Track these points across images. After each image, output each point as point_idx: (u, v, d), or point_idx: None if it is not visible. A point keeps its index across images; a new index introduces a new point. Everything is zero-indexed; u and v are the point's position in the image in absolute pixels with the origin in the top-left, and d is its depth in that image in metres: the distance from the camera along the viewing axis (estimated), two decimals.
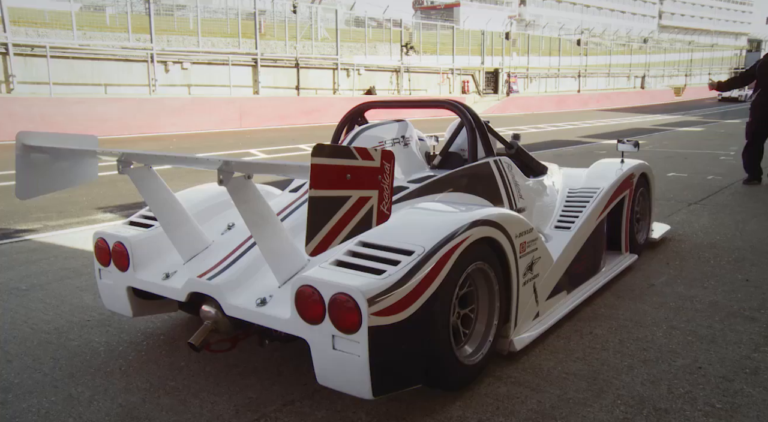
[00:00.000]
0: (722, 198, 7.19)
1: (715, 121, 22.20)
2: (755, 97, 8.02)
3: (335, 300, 2.18)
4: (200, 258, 2.87)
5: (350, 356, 2.20)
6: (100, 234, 3.06)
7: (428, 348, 2.39)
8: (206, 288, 2.60)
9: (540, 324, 3.17)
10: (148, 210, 3.20)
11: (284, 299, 2.43)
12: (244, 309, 2.49)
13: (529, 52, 37.74)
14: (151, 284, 2.85)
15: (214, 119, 18.39)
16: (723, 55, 71.06)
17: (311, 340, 2.29)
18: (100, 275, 3.10)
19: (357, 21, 30.83)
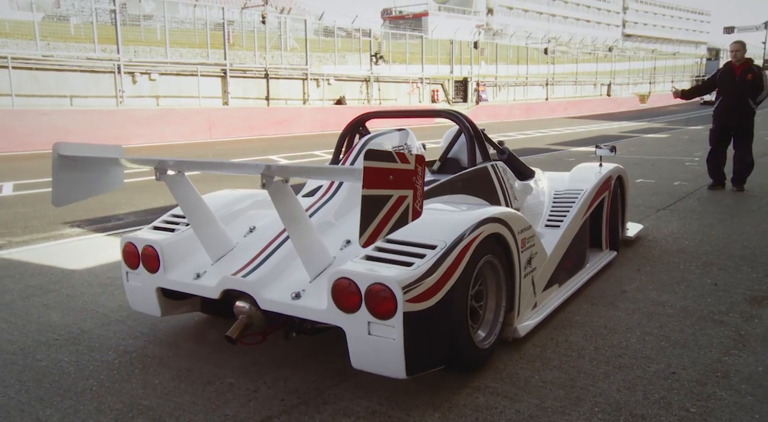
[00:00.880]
0: (689, 203, 7.32)
1: (680, 127, 22.64)
2: (717, 105, 8.20)
3: (371, 290, 2.42)
4: (229, 259, 3.07)
5: (386, 340, 2.45)
6: (128, 238, 3.24)
7: (451, 331, 2.65)
8: (241, 285, 2.78)
9: (538, 313, 3.45)
10: (170, 215, 3.47)
11: (317, 292, 2.65)
12: (280, 303, 2.70)
13: (497, 61, 38.15)
14: (183, 284, 3.04)
15: (183, 130, 18.20)
16: (685, 63, 72.70)
17: (347, 328, 2.51)
18: (127, 278, 3.27)
19: (326, 31, 30.88)
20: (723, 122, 8.07)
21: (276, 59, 25.04)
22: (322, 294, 2.60)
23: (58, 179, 2.90)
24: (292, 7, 39.46)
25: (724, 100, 8.03)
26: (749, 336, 3.36)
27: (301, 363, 3.06)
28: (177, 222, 3.36)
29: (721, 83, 8.09)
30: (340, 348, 3.20)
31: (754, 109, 7.93)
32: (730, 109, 7.95)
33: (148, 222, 6.52)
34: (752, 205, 7.18)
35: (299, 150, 15.37)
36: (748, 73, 7.84)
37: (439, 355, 2.65)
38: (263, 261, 2.89)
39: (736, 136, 8.05)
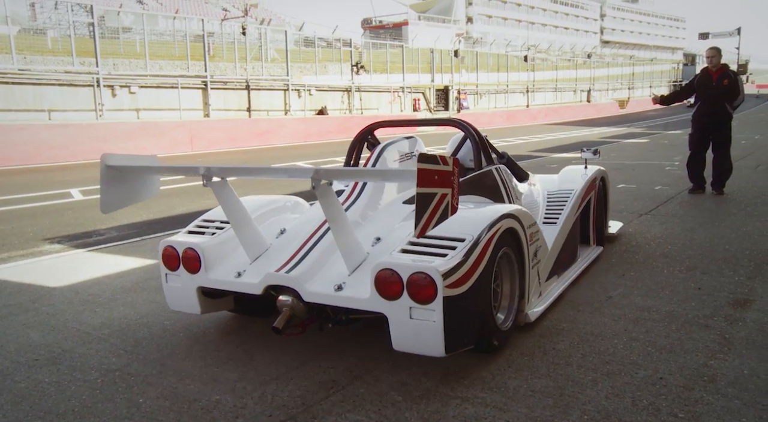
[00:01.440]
0: (670, 208, 7.38)
1: (659, 132, 22.88)
2: (695, 110, 8.29)
3: (413, 279, 2.73)
4: (265, 258, 3.34)
5: (426, 323, 2.75)
6: (167, 242, 3.48)
7: (479, 314, 2.98)
8: (285, 281, 3.04)
9: (543, 301, 3.81)
10: (201, 220, 3.76)
11: (357, 283, 2.96)
12: (324, 295, 2.97)
13: (477, 69, 38.38)
14: (226, 282, 3.30)
15: (164, 143, 18.08)
16: (662, 69, 73.64)
17: (389, 313, 2.81)
18: (166, 279, 3.51)
19: (307, 41, 30.88)
20: (701, 127, 8.16)
21: (257, 70, 25.00)
22: (362, 285, 2.93)
23: (106, 188, 3.16)
24: (272, 18, 39.47)
25: (702, 105, 8.12)
26: (734, 339, 3.38)
27: (287, 377, 3.03)
28: (208, 226, 3.65)
29: (698, 88, 8.19)
30: (328, 360, 3.18)
31: (731, 113, 8.03)
32: (708, 113, 8.04)
33: (131, 237, 6.49)
34: (732, 208, 7.25)
35: (282, 161, 15.33)
36: (724, 78, 7.93)
37: (470, 336, 2.96)
38: (303, 258, 3.15)
39: (714, 141, 8.14)
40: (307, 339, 3.50)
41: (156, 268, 5.18)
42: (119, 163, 3.15)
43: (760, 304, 3.92)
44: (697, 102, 8.27)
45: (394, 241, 3.13)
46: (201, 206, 8.71)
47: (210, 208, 7.98)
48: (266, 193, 4.26)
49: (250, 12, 36.18)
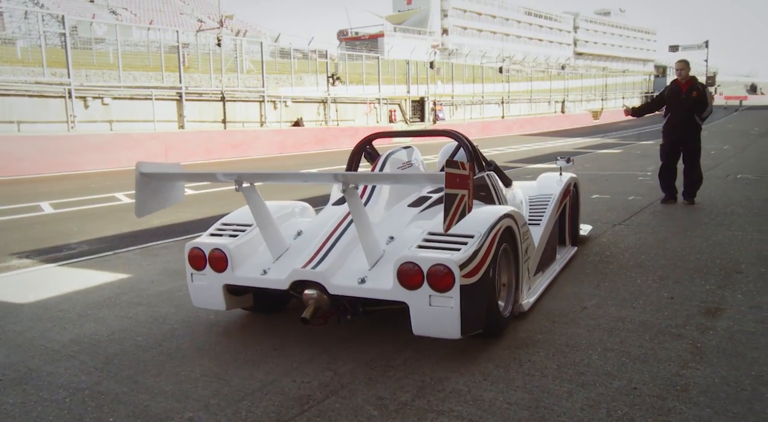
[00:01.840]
0: (643, 217, 7.47)
1: (632, 142, 23.20)
2: (666, 121, 8.41)
3: (432, 270, 3.08)
4: (287, 257, 3.67)
5: (444, 309, 3.10)
6: (193, 244, 3.76)
7: (487, 301, 3.33)
8: (312, 276, 3.36)
9: (533, 293, 4.21)
10: (220, 223, 4.02)
11: (378, 276, 3.32)
12: (349, 287, 3.30)
13: (453, 80, 38.64)
14: (252, 279, 3.58)
15: (138, 155, 17.84)
16: (634, 80, 74.83)
17: (411, 302, 3.16)
18: (192, 279, 3.77)
19: (282, 52, 30.84)
20: (672, 138, 8.29)
21: (232, 82, 24.89)
22: (383, 277, 3.29)
23: (140, 194, 3.45)
24: (248, 30, 39.38)
25: (672, 117, 8.26)
26: (705, 348, 3.41)
27: (261, 393, 2.99)
28: (227, 228, 3.94)
29: (668, 100, 8.32)
30: (303, 375, 3.15)
31: (700, 124, 8.17)
32: (678, 125, 8.17)
33: (104, 251, 6.39)
34: (703, 217, 7.36)
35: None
36: (693, 90, 8.07)
37: (480, 320, 3.31)
38: (326, 255, 3.47)
39: (684, 152, 8.27)
40: (281, 354, 3.46)
41: (128, 283, 5.11)
42: (152, 171, 3.43)
43: (730, 313, 3.98)
44: (667, 114, 8.40)
45: (406, 239, 3.56)
46: (177, 219, 8.63)
47: (186, 220, 7.89)
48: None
49: (225, 23, 36.07)
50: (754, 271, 4.94)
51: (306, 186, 10.87)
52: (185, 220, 8.59)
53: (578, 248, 5.83)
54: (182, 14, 48.93)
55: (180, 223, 8.36)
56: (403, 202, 4.13)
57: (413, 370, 3.21)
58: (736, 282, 4.67)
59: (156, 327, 4.00)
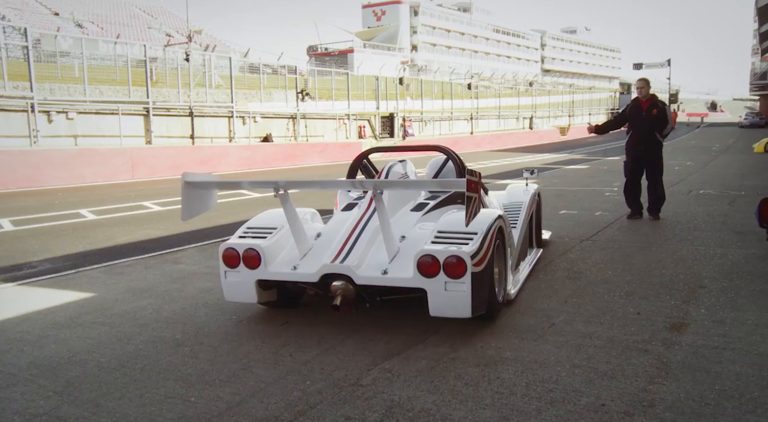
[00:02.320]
0: (610, 233, 7.57)
1: (598, 158, 23.58)
2: (628, 139, 8.56)
3: (448, 261, 3.70)
4: (313, 255, 4.22)
5: (457, 293, 3.72)
6: (227, 245, 4.22)
7: (489, 287, 3.95)
8: (340, 269, 3.92)
9: (515, 285, 4.84)
10: (246, 227, 4.51)
11: (397, 268, 3.92)
12: (374, 278, 3.90)
13: (422, 96, 38.90)
14: (284, 274, 4.13)
15: (103, 171, 17.60)
16: (600, 97, 76.29)
17: (429, 288, 3.76)
18: (225, 276, 4.26)
19: (252, 68, 30.73)
20: (634, 155, 8.44)
21: (201, 96, 24.69)
22: (402, 269, 3.90)
23: (185, 200, 4.01)
24: (217, 45, 39.23)
25: (634, 134, 8.41)
26: (671, 363, 3.45)
27: (228, 415, 2.93)
28: (251, 232, 4.45)
29: (630, 118, 8.48)
30: (270, 395, 3.10)
31: (662, 141, 8.34)
32: (640, 142, 8.32)
33: (66, 269, 6.24)
34: (667, 233, 7.48)
35: (226, 188, 15.08)
36: (653, 108, 8.23)
37: (484, 303, 3.92)
38: (350, 252, 4.04)
39: (647, 168, 8.42)
40: (248, 374, 3.41)
41: (91, 302, 5.00)
42: (194, 180, 4.02)
43: (695, 328, 4.03)
44: (629, 131, 8.55)
45: (417, 237, 4.23)
46: (144, 236, 8.50)
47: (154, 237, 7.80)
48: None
49: (194, 38, 35.84)
50: (716, 286, 5.03)
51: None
52: (152, 237, 8.46)
53: (547, 264, 5.91)
54: (150, 28, 48.57)
55: (147, 240, 8.23)
56: (405, 208, 4.75)
57: (382, 389, 3.18)
58: (699, 296, 4.75)
59: (119, 347, 3.91)
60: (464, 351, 3.69)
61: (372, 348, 3.78)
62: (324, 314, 4.49)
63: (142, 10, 54.14)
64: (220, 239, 7.74)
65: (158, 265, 6.40)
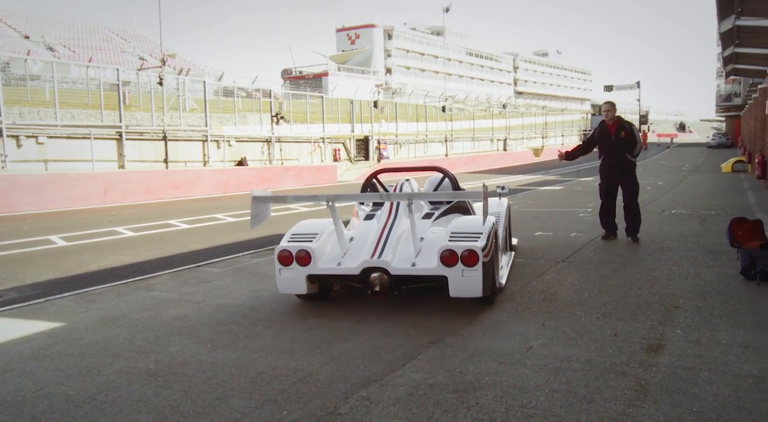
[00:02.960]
0: (585, 254, 7.61)
1: (572, 179, 23.83)
2: (601, 162, 8.63)
3: (464, 253, 4.75)
4: (351, 254, 5.23)
5: (472, 278, 4.76)
6: (281, 247, 5.21)
7: (492, 274, 5.02)
8: (378, 263, 4.99)
9: (502, 276, 5.82)
10: (291, 234, 5.48)
11: (422, 261, 4.99)
12: (406, 269, 4.97)
13: (397, 119, 39.13)
14: (331, 269, 5.14)
15: (75, 196, 17.35)
16: (573, 119, 77.38)
17: (449, 275, 4.80)
18: (280, 273, 5.21)
19: (226, 91, 30.68)
20: (608, 177, 8.52)
21: (175, 120, 24.54)
22: (426, 261, 4.97)
23: (253, 211, 5.22)
24: (191, 68, 39.09)
25: (606, 158, 8.49)
26: (649, 385, 3.45)
27: None
28: (298, 236, 5.40)
29: (599, 142, 8.56)
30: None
31: (634, 161, 8.43)
32: (613, 164, 8.40)
33: (35, 298, 6.08)
34: (642, 253, 7.55)
35: (200, 213, 14.95)
36: (621, 131, 8.29)
37: (489, 287, 4.93)
38: (383, 250, 5.11)
39: (623, 190, 8.47)
40: (223, 404, 3.33)
41: (60, 332, 4.88)
42: (260, 195, 5.26)
43: (671, 349, 4.05)
44: (601, 154, 8.62)
45: (433, 238, 5.29)
46: (116, 262, 8.37)
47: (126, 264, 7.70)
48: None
49: (168, 62, 35.73)
50: (691, 306, 5.07)
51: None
52: (125, 264, 8.33)
53: (524, 286, 5.94)
54: (123, 52, 48.34)
55: (119, 267, 8.09)
56: (417, 216, 5.68)
57: (360, 418, 3.13)
58: (675, 317, 4.78)
59: (90, 379, 3.80)
60: (442, 377, 3.65)
61: (349, 376, 3.73)
62: (299, 341, 4.43)
63: (116, 34, 53.94)
64: (194, 265, 7.65)
65: (131, 292, 6.28)
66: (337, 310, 5.29)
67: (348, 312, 5.20)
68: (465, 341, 4.33)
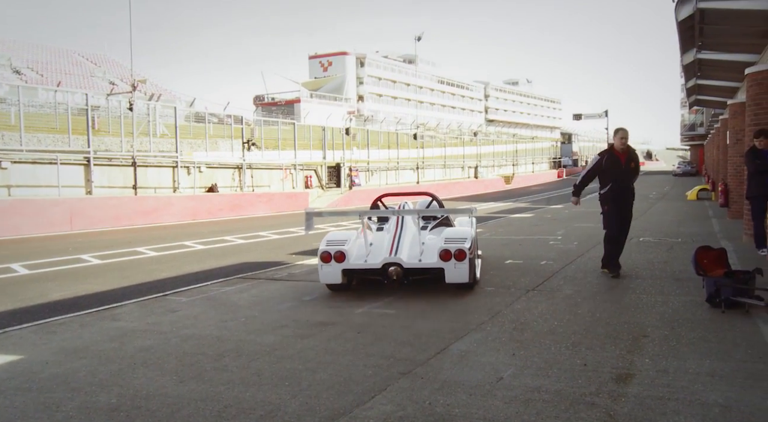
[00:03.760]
0: (555, 282, 7.64)
1: (542, 206, 24.11)
2: (608, 190, 7.98)
3: (457, 251, 6.69)
4: (373, 254, 6.96)
5: (461, 269, 6.73)
6: (323, 249, 6.89)
7: (474, 268, 7.14)
8: (395, 259, 6.76)
9: (478, 272, 7.66)
10: (327, 240, 7.11)
11: (426, 258, 6.82)
12: (415, 263, 6.77)
13: (369, 146, 39.28)
14: (360, 264, 6.85)
15: (39, 222, 17.00)
16: (542, 146, 78.57)
17: (446, 267, 6.70)
18: (321, 268, 6.93)
19: (197, 117, 30.56)
20: (618, 206, 7.99)
21: (145, 145, 24.29)
22: (429, 258, 6.79)
23: (306, 222, 7.33)
24: (162, 94, 38.90)
25: (615, 187, 7.96)
26: (618, 415, 3.44)
27: None
28: (333, 242, 7.06)
29: (610, 170, 7.98)
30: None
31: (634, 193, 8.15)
32: (624, 193, 8.01)
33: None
34: (611, 281, 7.61)
35: (169, 240, 14.74)
36: (631, 161, 8.02)
37: (472, 276, 6.94)
38: (397, 250, 6.89)
39: (625, 220, 8.10)
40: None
41: (17, 366, 4.73)
42: (312, 211, 7.45)
43: (640, 378, 4.06)
44: (607, 183, 8.01)
45: (431, 242, 7.11)
46: (80, 291, 8.19)
47: (90, 293, 7.54)
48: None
49: (138, 87, 35.51)
50: (659, 334, 5.11)
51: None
52: (90, 292, 8.15)
53: (494, 316, 5.94)
54: (93, 77, 47.99)
55: (84, 296, 7.91)
56: (417, 228, 7.32)
57: None
58: (643, 346, 4.80)
59: (47, 416, 3.67)
60: (412, 409, 3.60)
61: (318, 409, 3.66)
62: (267, 373, 4.35)
63: (86, 58, 53.56)
64: (161, 294, 7.53)
65: (95, 323, 6.12)
66: (307, 341, 5.22)
67: (317, 343, 5.14)
68: (435, 372, 4.29)
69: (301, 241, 14.15)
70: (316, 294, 7.28)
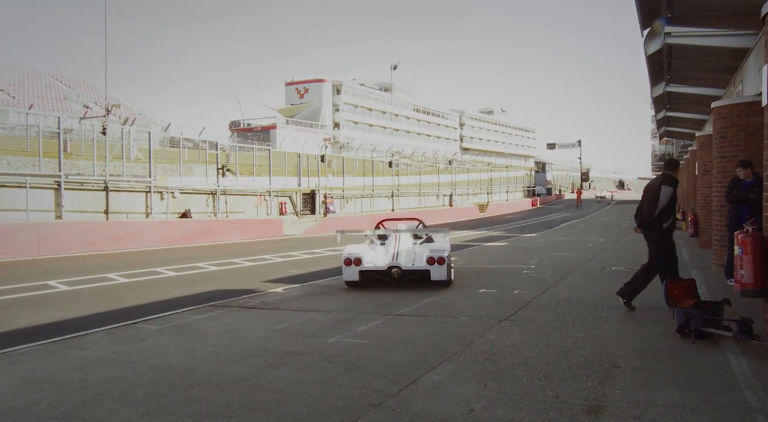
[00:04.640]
0: (528, 312, 7.66)
1: (516, 235, 24.24)
2: (670, 224, 7.60)
3: (439, 258, 9.78)
4: (380, 260, 10.09)
5: (442, 271, 9.78)
6: (346, 256, 9.91)
7: (450, 269, 10.17)
8: (396, 264, 9.86)
9: (452, 275, 10.41)
10: (348, 252, 9.97)
11: (418, 263, 9.94)
12: (410, 266, 9.88)
13: (344, 173, 39.30)
14: (371, 267, 9.91)
15: (6, 247, 16.65)
16: (517, 175, 79.32)
17: (431, 269, 9.73)
18: (344, 269, 9.90)
19: (172, 142, 30.38)
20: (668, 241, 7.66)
21: (118, 169, 24.01)
22: (420, 263, 9.89)
23: (338, 238, 10.85)
24: (137, 118, 38.66)
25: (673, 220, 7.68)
26: None
27: None
28: (353, 251, 9.99)
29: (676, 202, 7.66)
30: None
31: None
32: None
33: None
34: (583, 311, 7.64)
35: (140, 266, 14.51)
36: None
37: (449, 276, 10.00)
38: (397, 256, 10.04)
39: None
40: None
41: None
42: (341, 230, 10.97)
43: (611, 410, 4.06)
44: (671, 215, 7.62)
45: (420, 252, 10.16)
46: (46, 319, 8.00)
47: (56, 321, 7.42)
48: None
49: (113, 111, 35.25)
50: (630, 365, 5.13)
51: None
52: (55, 320, 7.98)
53: (467, 346, 5.92)
54: (67, 99, 47.55)
55: (49, 324, 7.73)
56: (410, 242, 10.60)
57: None
58: (614, 377, 4.81)
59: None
60: None
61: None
62: (236, 404, 4.27)
63: (59, 81, 53.10)
64: (130, 322, 7.39)
65: (60, 352, 5.98)
66: (277, 371, 5.15)
67: (288, 373, 5.07)
68: (407, 404, 4.25)
69: (273, 269, 14.03)
70: (288, 323, 7.19)
